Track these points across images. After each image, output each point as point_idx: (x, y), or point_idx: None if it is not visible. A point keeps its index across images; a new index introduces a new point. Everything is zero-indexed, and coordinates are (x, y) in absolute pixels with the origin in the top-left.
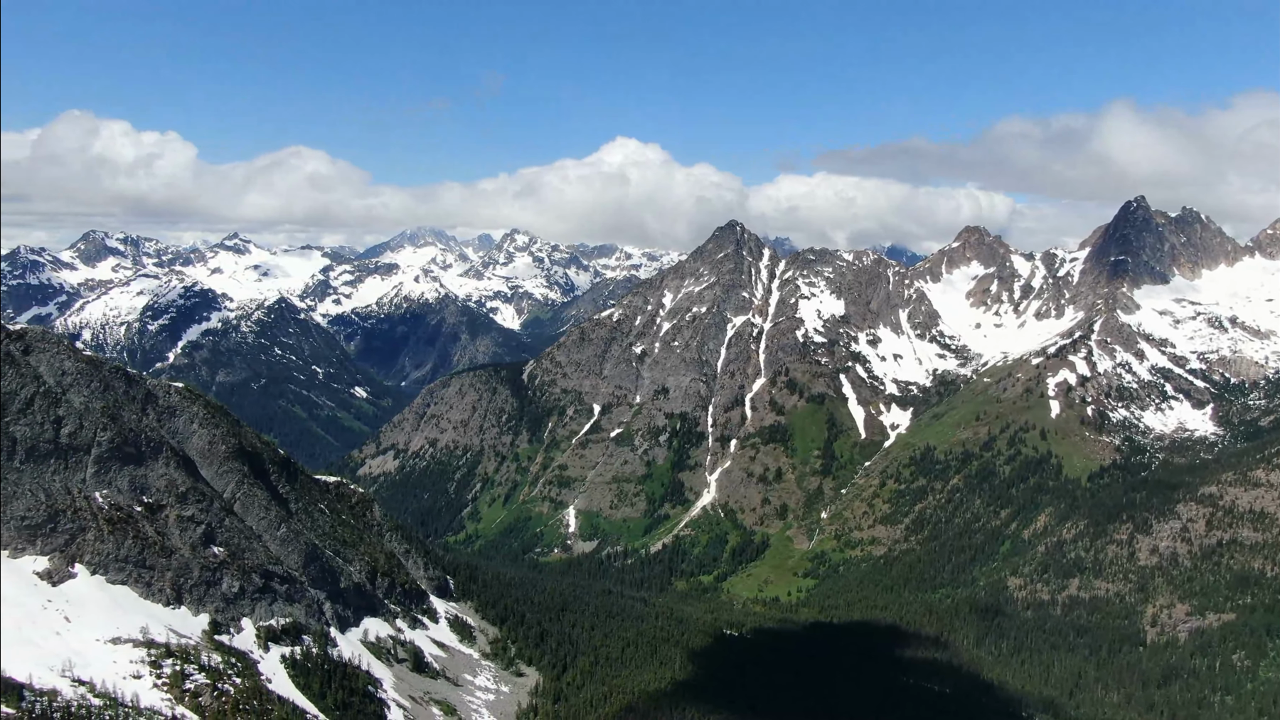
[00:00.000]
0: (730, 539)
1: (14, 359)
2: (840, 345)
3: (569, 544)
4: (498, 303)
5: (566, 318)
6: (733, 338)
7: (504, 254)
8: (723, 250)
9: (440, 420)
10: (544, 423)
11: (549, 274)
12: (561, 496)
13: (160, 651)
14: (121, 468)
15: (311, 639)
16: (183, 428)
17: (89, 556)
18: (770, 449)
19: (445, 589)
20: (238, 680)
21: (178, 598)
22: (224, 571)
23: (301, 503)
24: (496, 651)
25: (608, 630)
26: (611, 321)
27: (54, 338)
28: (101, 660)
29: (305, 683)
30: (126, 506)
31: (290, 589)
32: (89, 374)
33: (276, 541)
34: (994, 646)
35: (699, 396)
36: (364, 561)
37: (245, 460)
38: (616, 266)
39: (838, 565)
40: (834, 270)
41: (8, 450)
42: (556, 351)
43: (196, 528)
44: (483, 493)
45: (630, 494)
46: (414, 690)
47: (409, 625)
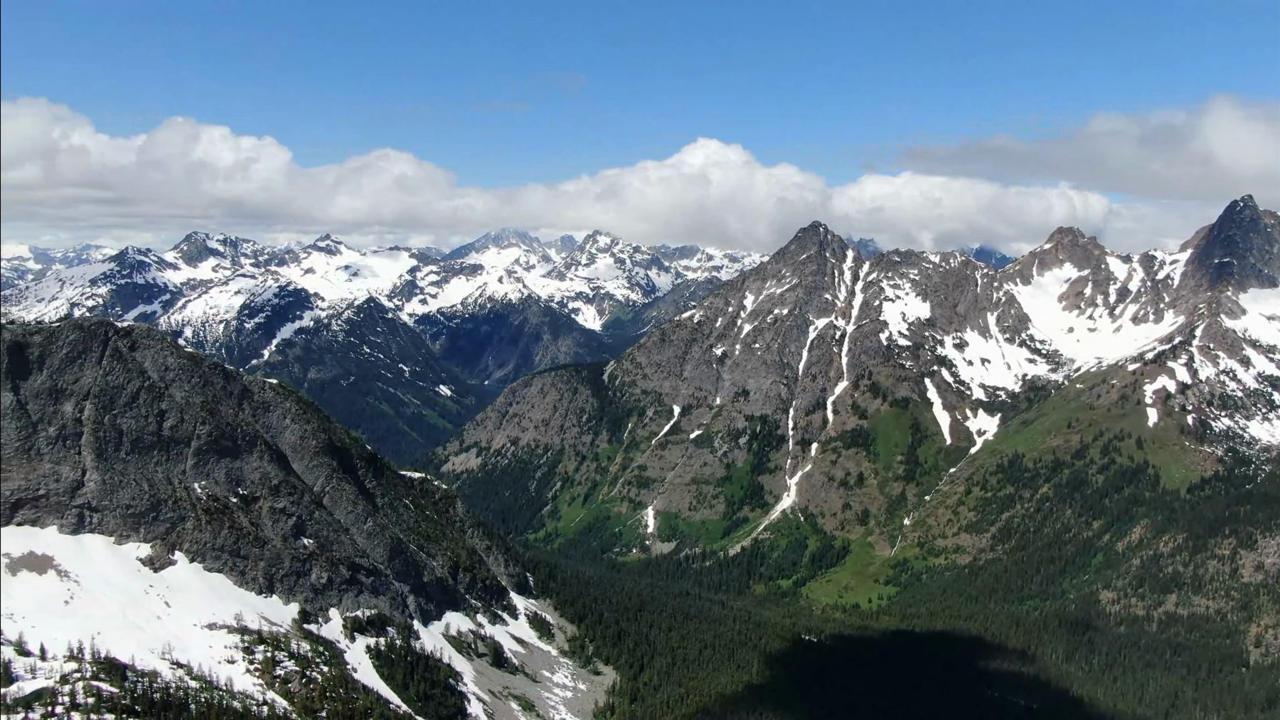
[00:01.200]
0: (810, 543)
1: (121, 355)
2: (925, 349)
3: (647, 544)
4: (579, 303)
5: (647, 319)
6: (814, 340)
7: (586, 255)
8: (805, 251)
9: (522, 419)
10: (624, 423)
11: (630, 275)
12: (640, 497)
13: (253, 638)
14: (219, 460)
15: (395, 631)
16: (276, 423)
17: (188, 545)
18: (852, 453)
19: (525, 586)
20: (325, 669)
21: (269, 587)
22: (313, 563)
23: (387, 498)
24: (574, 649)
25: (685, 632)
26: (692, 323)
27: (158, 335)
28: (198, 644)
29: (389, 673)
30: (223, 498)
31: (376, 582)
32: (190, 370)
33: (363, 535)
34: (1084, 662)
35: (779, 399)
36: (446, 557)
37: (334, 455)
38: (698, 268)
39: (920, 573)
40: (919, 272)
41: (114, 442)
42: (637, 352)
43: (288, 520)
44: (563, 491)
45: (709, 496)
46: (493, 685)
47: (489, 621)
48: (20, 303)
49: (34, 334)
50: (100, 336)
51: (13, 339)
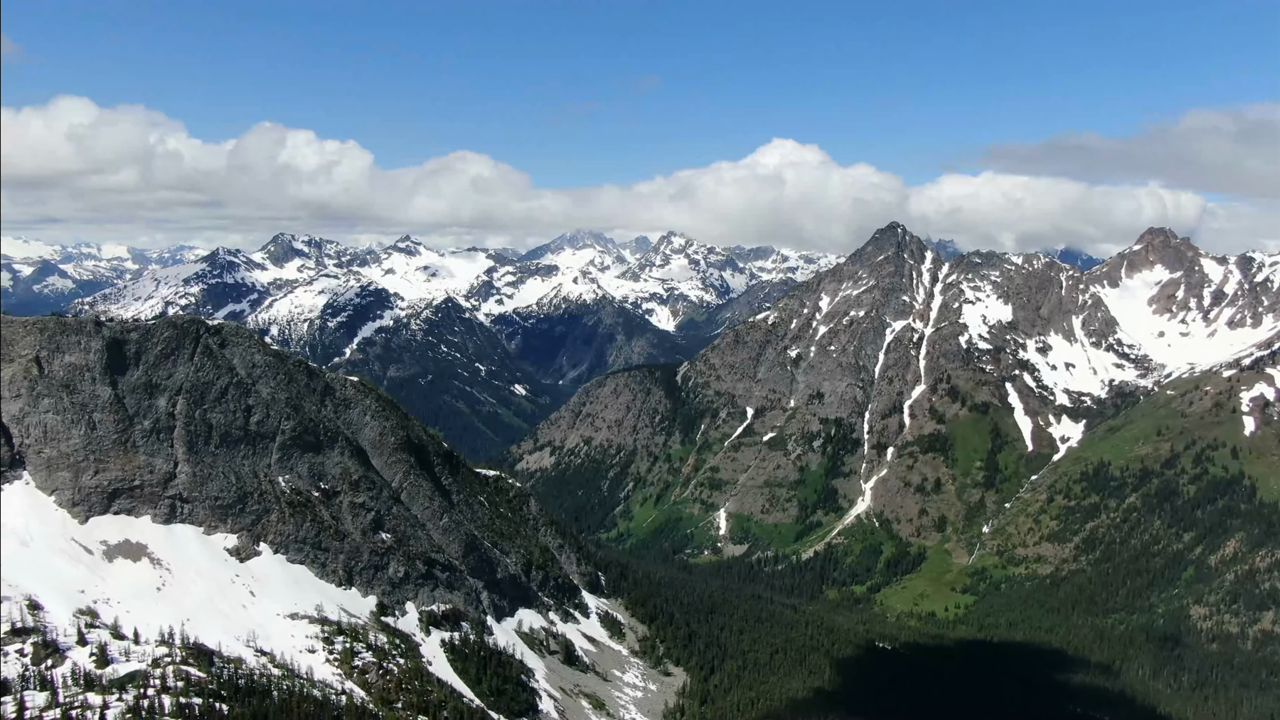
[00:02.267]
0: (885, 549)
1: (211, 352)
2: (1007, 352)
3: (719, 546)
4: (653, 304)
5: (721, 320)
6: (891, 343)
7: (660, 256)
8: (882, 253)
9: (595, 419)
10: (697, 424)
11: (704, 276)
12: (713, 499)
13: (332, 629)
14: (302, 455)
15: (469, 626)
16: (356, 419)
17: (272, 536)
18: (929, 458)
19: (597, 585)
20: (401, 661)
21: (349, 579)
22: (391, 557)
23: (463, 494)
24: (645, 649)
25: (756, 635)
26: (766, 324)
27: (246, 332)
28: (281, 633)
29: (463, 667)
30: (306, 491)
31: (451, 577)
32: (276, 367)
33: (439, 530)
34: (1172, 679)
35: (855, 402)
36: (520, 554)
37: (412, 452)
38: (772, 269)
39: (999, 583)
40: (1001, 274)
41: (204, 435)
42: (710, 354)
43: (367, 514)
44: (635, 492)
45: (782, 499)
46: (564, 682)
47: (561, 618)
48: (119, 301)
49: (131, 331)
50: (192, 334)
51: (111, 336)
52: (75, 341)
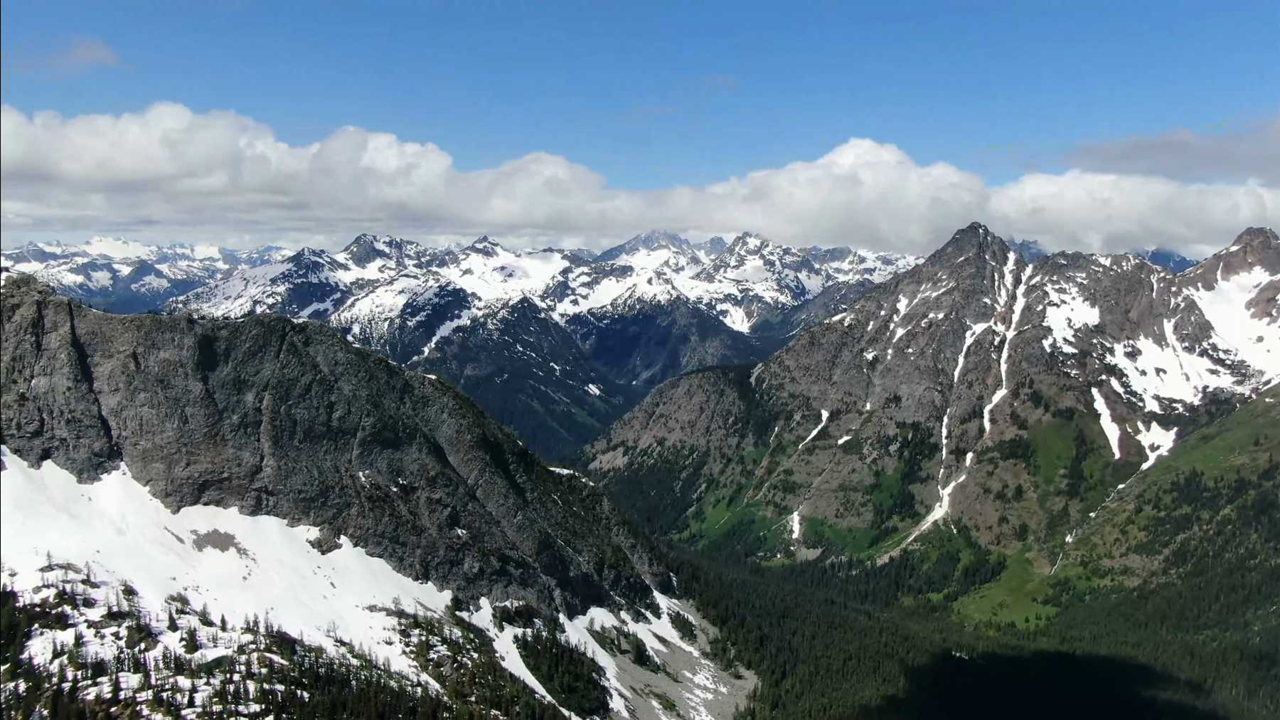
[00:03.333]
0: (962, 557)
1: (296, 349)
2: (1093, 357)
3: (792, 550)
4: (727, 305)
5: (796, 321)
6: (971, 346)
7: (735, 257)
8: (963, 254)
9: (669, 419)
10: (770, 426)
11: (779, 277)
12: (786, 501)
13: (409, 622)
14: (381, 451)
15: (542, 623)
16: (434, 416)
17: (352, 530)
18: (1010, 465)
19: (668, 585)
20: (475, 655)
21: (425, 573)
22: (466, 552)
23: (536, 492)
24: (716, 651)
25: (829, 641)
26: (842, 326)
27: (329, 331)
28: (359, 625)
29: (535, 664)
30: (384, 486)
31: (524, 574)
32: (357, 365)
33: (513, 528)
34: (1269, 700)
35: (933, 406)
36: (592, 553)
37: (488, 449)
38: (849, 270)
39: (1083, 594)
40: (1088, 276)
41: (289, 430)
42: (785, 355)
43: (444, 510)
44: (707, 493)
45: (857, 503)
46: (635, 681)
47: (632, 618)
48: (210, 300)
49: (221, 329)
50: (278, 332)
51: (203, 333)
52: (169, 338)
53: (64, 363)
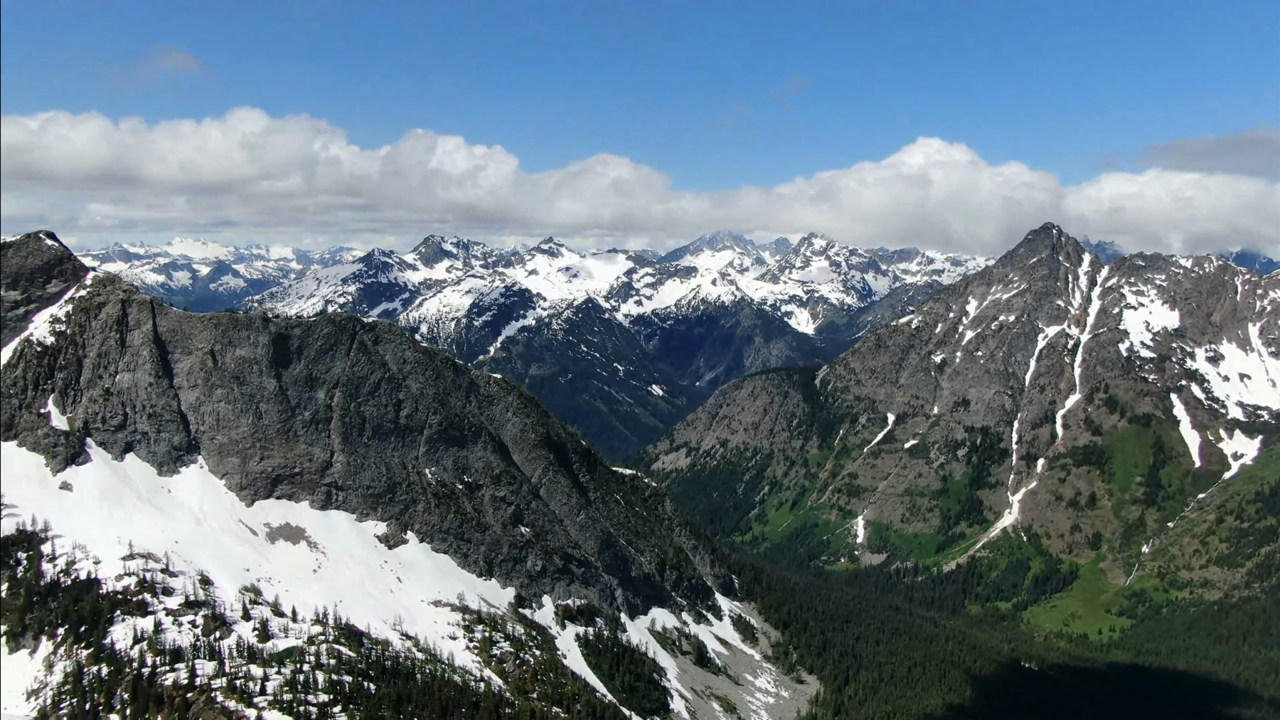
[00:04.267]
0: (1032, 565)
1: (366, 348)
2: (1173, 361)
3: (856, 554)
4: (792, 306)
5: (862, 323)
6: (1044, 349)
7: (800, 258)
8: (1036, 255)
9: (732, 421)
10: (835, 429)
11: (846, 278)
12: (850, 505)
13: (473, 618)
14: (447, 448)
15: (603, 622)
16: (499, 415)
17: (418, 526)
18: (1083, 471)
19: (730, 588)
20: (537, 652)
21: (489, 570)
22: (529, 550)
23: (599, 492)
24: (778, 655)
25: (894, 647)
26: (910, 328)
27: (398, 330)
28: (424, 619)
29: (596, 662)
30: (450, 484)
31: (586, 573)
32: (425, 363)
33: (576, 526)
34: None
35: (1003, 410)
36: (654, 553)
37: (551, 449)
38: (917, 271)
39: (1159, 606)
40: (1167, 278)
41: (358, 427)
42: (851, 357)
43: (507, 508)
44: (770, 495)
45: (923, 508)
46: (695, 683)
47: (694, 619)
48: (284, 299)
49: (294, 327)
50: (349, 331)
51: (277, 331)
52: (245, 336)
53: (146, 359)
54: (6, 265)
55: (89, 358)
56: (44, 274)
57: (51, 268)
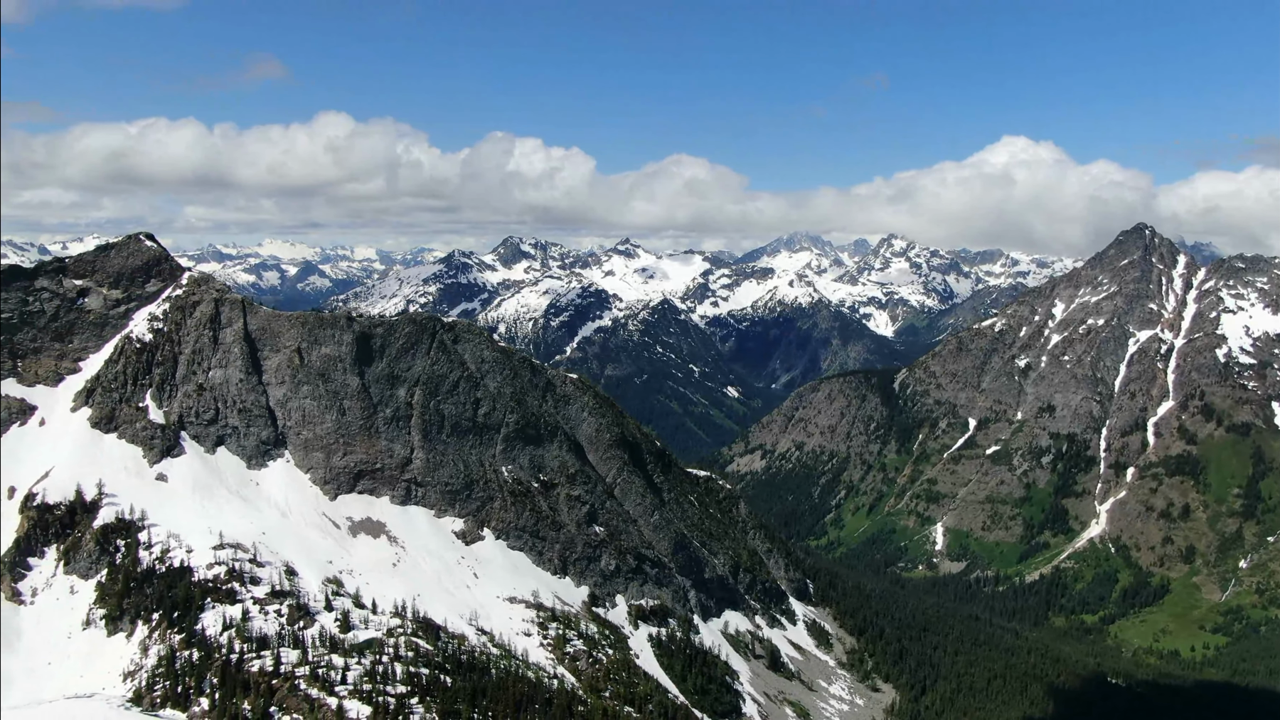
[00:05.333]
0: (1121, 578)
1: (446, 347)
2: (1275, 368)
3: (934, 562)
4: (871, 309)
5: (943, 326)
6: (1135, 354)
7: (880, 259)
8: (1127, 256)
9: (808, 424)
10: (914, 434)
11: (926, 280)
12: (929, 512)
13: (547, 615)
14: (524, 447)
15: (676, 623)
16: (575, 415)
17: (494, 523)
18: (1176, 482)
19: (804, 592)
20: (610, 651)
21: (563, 568)
22: (603, 550)
23: (673, 493)
24: (853, 662)
25: (972, 658)
26: (993, 331)
27: (477, 330)
28: (499, 615)
29: (668, 663)
30: (526, 482)
31: (660, 573)
32: (502, 363)
33: (650, 527)
34: None
35: (1090, 417)
36: (728, 555)
37: (626, 449)
38: (1000, 273)
39: (1258, 624)
40: (1270, 280)
41: (437, 425)
42: (931, 361)
43: (582, 507)
44: (846, 500)
45: (1005, 516)
46: (768, 687)
47: (767, 623)
48: (367, 299)
49: (377, 327)
50: (429, 330)
51: (360, 330)
52: (330, 335)
53: (237, 356)
54: (109, 265)
55: (184, 354)
56: (143, 274)
57: (150, 268)
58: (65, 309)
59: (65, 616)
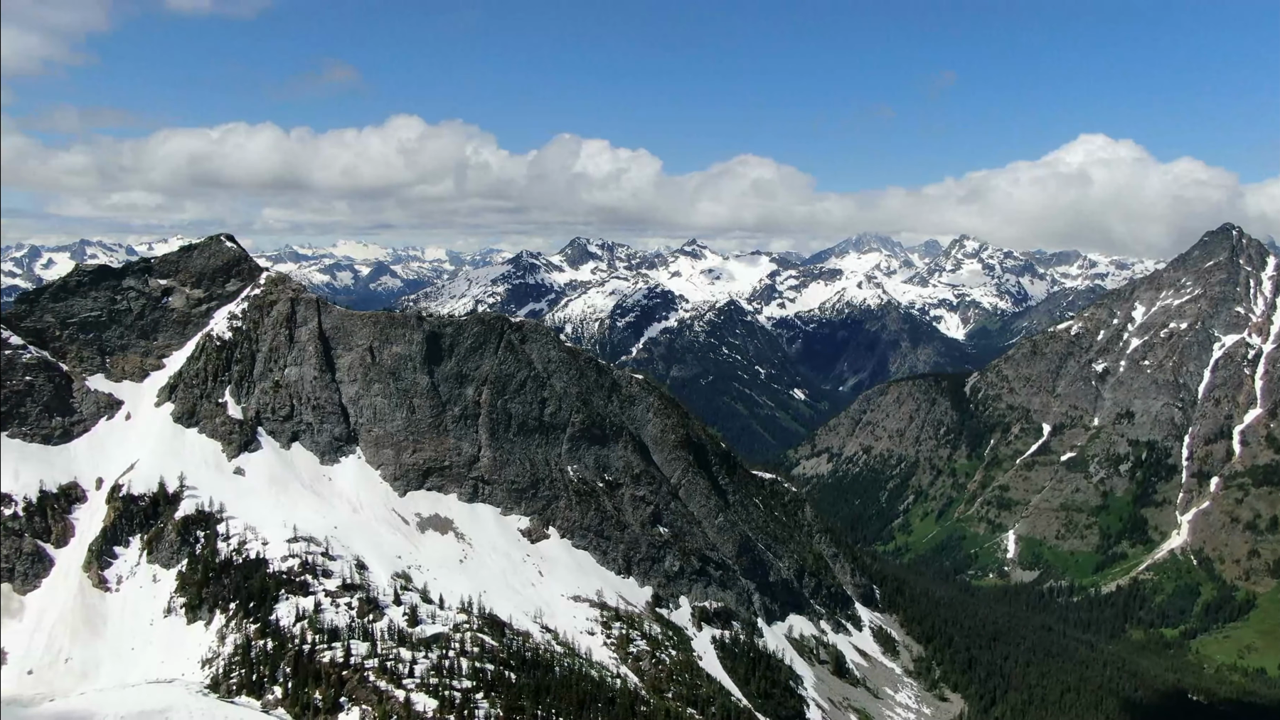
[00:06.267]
0: (1203, 591)
1: (513, 347)
2: None
3: (1006, 570)
4: (942, 311)
5: (1017, 329)
6: (1220, 359)
7: (951, 260)
8: (1212, 258)
9: (875, 428)
10: (985, 439)
11: (999, 282)
12: (1000, 519)
13: (610, 614)
14: (589, 447)
15: (740, 625)
16: (640, 415)
17: (560, 521)
18: (1264, 492)
19: (870, 598)
20: (673, 652)
21: (627, 568)
22: (667, 550)
23: (738, 495)
24: (920, 670)
25: (1045, 670)
26: (1069, 335)
27: (544, 330)
28: (564, 613)
29: (732, 666)
30: (591, 481)
31: (724, 575)
32: (569, 363)
33: (714, 529)
34: None
35: (1172, 424)
36: (793, 559)
37: (691, 450)
38: (1078, 275)
39: None
40: None
41: (504, 423)
42: (1003, 364)
43: (646, 507)
44: (915, 505)
45: (1081, 525)
46: (833, 693)
47: (832, 628)
48: (437, 299)
49: (446, 326)
50: (497, 330)
51: (430, 330)
52: (401, 334)
53: (312, 354)
54: (192, 265)
55: (261, 352)
56: (224, 274)
57: (230, 268)
58: (150, 307)
59: (148, 604)
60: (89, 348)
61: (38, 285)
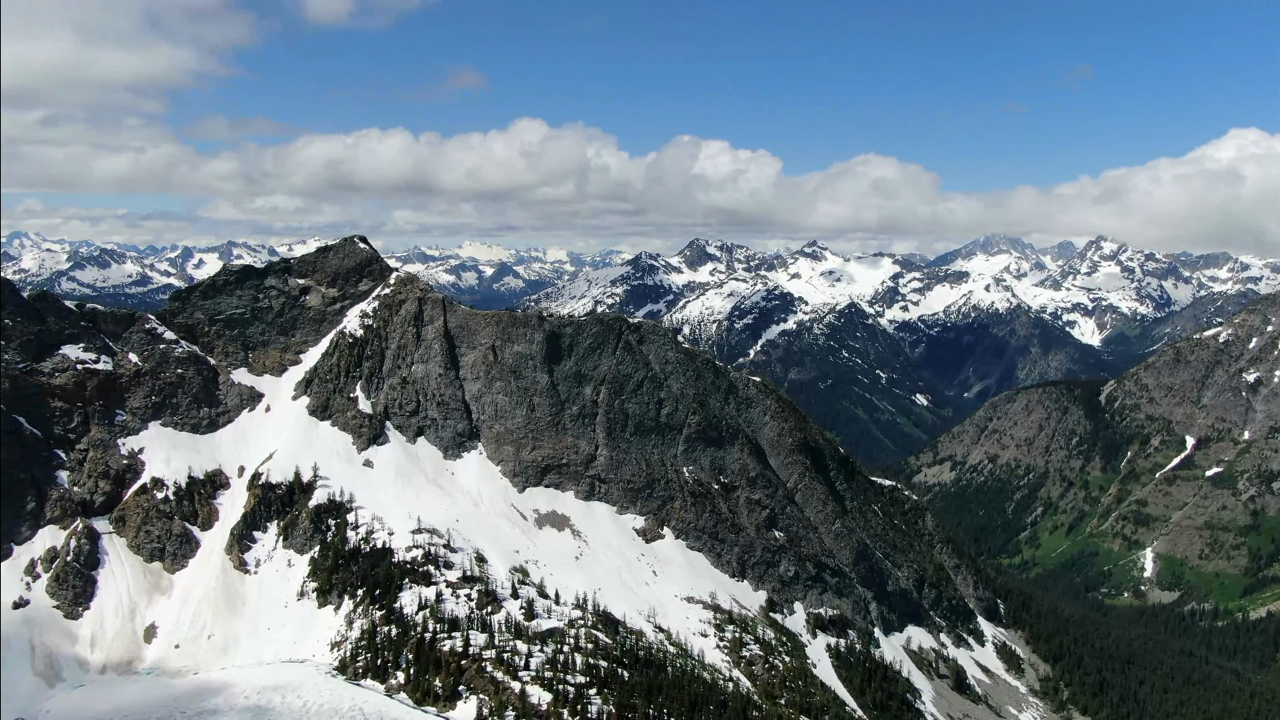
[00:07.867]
0: None
1: (631, 347)
2: None
3: (1142, 590)
4: (1075, 315)
5: (1158, 335)
6: None
7: (1086, 263)
8: None
9: (1002, 436)
10: (1121, 451)
11: (1140, 285)
12: (1137, 535)
13: (724, 617)
14: (705, 448)
15: (856, 635)
16: (756, 418)
17: (674, 522)
18: None
19: (994, 612)
20: (787, 659)
21: (741, 572)
22: (782, 555)
23: (856, 501)
24: (1046, 690)
25: (1184, 697)
26: (1217, 342)
27: (662, 331)
28: (677, 614)
29: (847, 675)
30: (706, 483)
31: (840, 583)
32: (686, 364)
33: (830, 535)
34: None
35: None
36: (912, 569)
37: (808, 454)
38: (1228, 279)
39: None
40: None
41: (621, 423)
42: (1143, 372)
43: (762, 511)
44: (1043, 518)
45: (1227, 545)
46: (952, 709)
47: (953, 642)
48: (557, 299)
49: (566, 326)
50: (615, 330)
51: (550, 329)
52: (522, 333)
53: (438, 352)
54: (327, 266)
55: (390, 349)
56: (356, 274)
57: (362, 268)
58: (289, 305)
59: (283, 587)
60: (234, 343)
61: (189, 284)
